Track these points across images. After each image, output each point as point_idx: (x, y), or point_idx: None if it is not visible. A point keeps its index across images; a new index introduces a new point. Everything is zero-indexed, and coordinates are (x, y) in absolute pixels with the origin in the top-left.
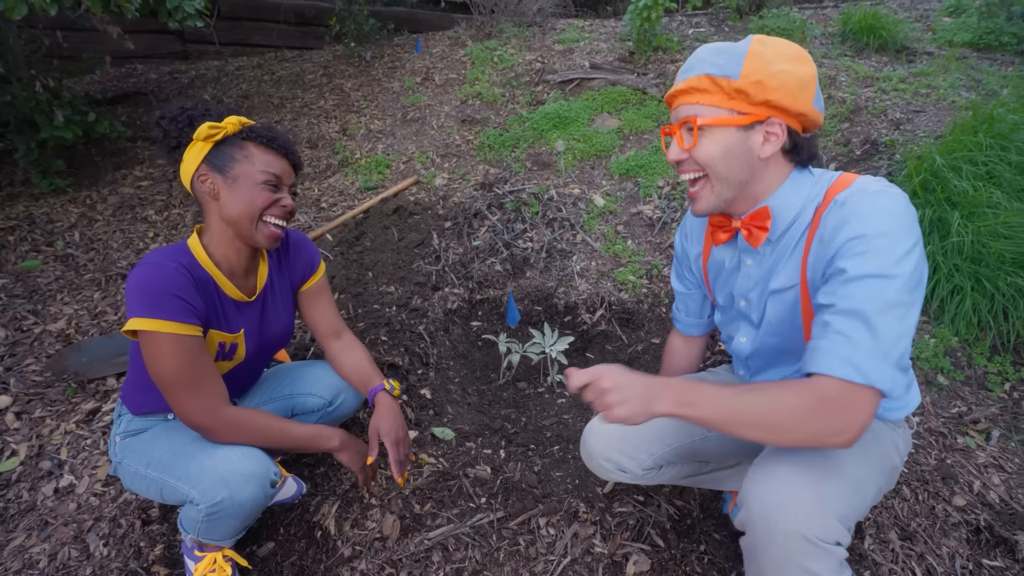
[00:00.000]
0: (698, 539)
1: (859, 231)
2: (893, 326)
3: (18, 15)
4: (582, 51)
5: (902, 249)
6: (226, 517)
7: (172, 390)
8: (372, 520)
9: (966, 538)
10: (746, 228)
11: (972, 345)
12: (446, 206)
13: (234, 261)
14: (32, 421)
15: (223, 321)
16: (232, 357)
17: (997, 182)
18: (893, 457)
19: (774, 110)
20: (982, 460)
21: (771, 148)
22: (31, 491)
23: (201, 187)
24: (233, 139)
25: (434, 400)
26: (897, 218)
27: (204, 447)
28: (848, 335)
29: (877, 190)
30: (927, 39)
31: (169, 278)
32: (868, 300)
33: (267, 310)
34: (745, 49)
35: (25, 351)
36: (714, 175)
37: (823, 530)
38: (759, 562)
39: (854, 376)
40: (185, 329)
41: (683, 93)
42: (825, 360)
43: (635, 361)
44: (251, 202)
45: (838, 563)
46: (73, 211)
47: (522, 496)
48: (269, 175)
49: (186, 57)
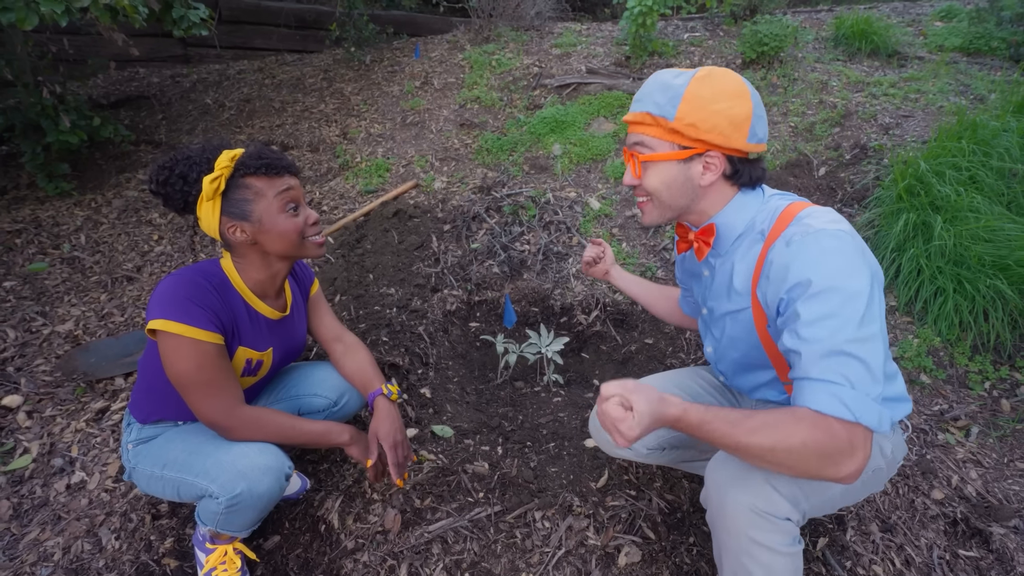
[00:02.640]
0: (688, 531)
1: (807, 275)
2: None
3: (29, 25)
4: (579, 56)
5: (854, 285)
6: (245, 509)
7: (190, 390)
8: (374, 514)
9: (943, 530)
10: (696, 241)
11: (954, 345)
12: (445, 209)
13: (268, 284)
14: (43, 420)
15: (254, 340)
16: (257, 373)
17: (979, 187)
18: (876, 458)
19: (710, 145)
20: (961, 456)
21: (711, 176)
22: (44, 487)
23: (237, 239)
24: (233, 180)
25: (434, 399)
26: (841, 257)
27: (219, 445)
28: (830, 379)
29: (819, 229)
30: (918, 44)
31: (196, 290)
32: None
33: (293, 324)
34: (682, 92)
35: (34, 352)
36: (657, 201)
37: (769, 504)
38: (717, 532)
39: (846, 415)
40: (205, 336)
41: (631, 123)
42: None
43: (629, 361)
44: (286, 234)
45: (788, 537)
46: (79, 214)
47: (518, 491)
48: (285, 200)
49: (187, 61)
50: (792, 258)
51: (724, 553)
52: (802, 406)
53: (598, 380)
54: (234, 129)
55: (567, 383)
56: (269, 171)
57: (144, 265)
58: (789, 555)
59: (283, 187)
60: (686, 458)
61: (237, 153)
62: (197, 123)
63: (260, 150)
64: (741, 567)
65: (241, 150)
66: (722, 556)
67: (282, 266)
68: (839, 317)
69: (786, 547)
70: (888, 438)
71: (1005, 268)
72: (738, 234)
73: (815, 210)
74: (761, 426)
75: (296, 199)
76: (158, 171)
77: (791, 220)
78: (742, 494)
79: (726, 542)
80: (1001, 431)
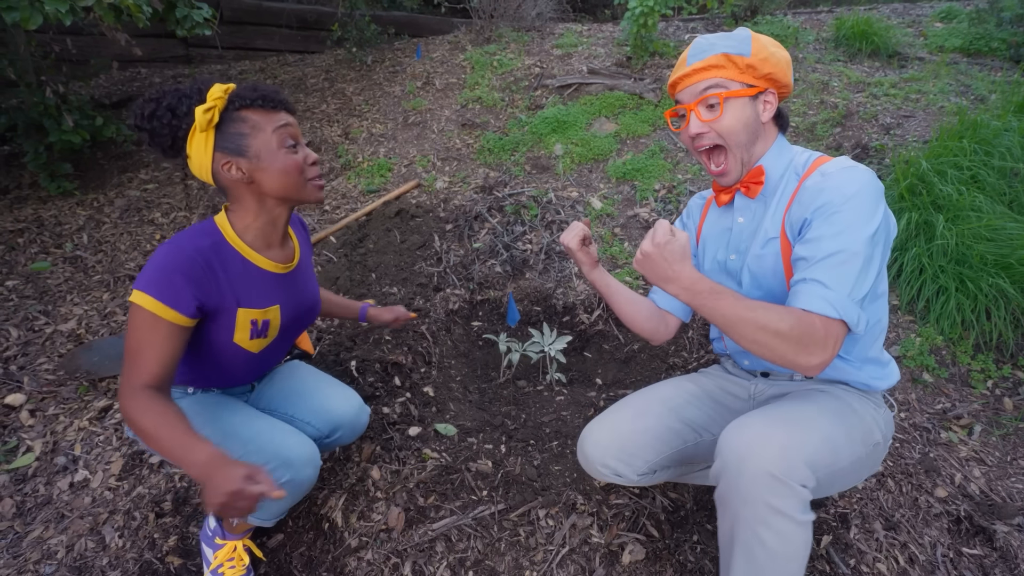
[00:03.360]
0: (691, 529)
1: (832, 197)
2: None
3: (33, 25)
4: (580, 56)
5: (867, 212)
6: (286, 496)
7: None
8: (378, 512)
9: (947, 528)
10: (744, 186)
11: (956, 344)
12: (447, 209)
13: (269, 233)
14: (46, 418)
15: (254, 297)
16: (266, 334)
17: (981, 186)
18: (875, 432)
19: (771, 82)
20: (964, 454)
21: (768, 114)
22: (47, 485)
23: (229, 175)
24: (228, 114)
25: (437, 397)
26: (866, 189)
27: (257, 431)
28: (823, 280)
29: (853, 166)
30: (919, 44)
31: (179, 261)
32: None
33: (301, 279)
34: (749, 34)
35: (37, 350)
36: (734, 142)
37: (789, 469)
38: (730, 504)
39: (831, 313)
40: (167, 313)
41: (700, 71)
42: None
43: (631, 360)
44: (287, 171)
45: (802, 503)
46: (81, 214)
47: (522, 489)
48: (284, 136)
49: (189, 61)
50: (824, 184)
51: (738, 525)
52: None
53: (600, 379)
54: None
55: (570, 382)
56: (266, 104)
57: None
58: (803, 524)
59: (281, 122)
60: (679, 473)
61: (231, 86)
62: None
63: (255, 84)
64: (755, 536)
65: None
66: (735, 529)
67: (281, 211)
68: (846, 234)
69: (802, 515)
70: (881, 414)
71: (1007, 267)
72: (780, 174)
73: (847, 158)
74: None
75: (295, 136)
76: (144, 104)
77: (826, 162)
78: (760, 459)
79: (740, 512)
80: (1004, 429)
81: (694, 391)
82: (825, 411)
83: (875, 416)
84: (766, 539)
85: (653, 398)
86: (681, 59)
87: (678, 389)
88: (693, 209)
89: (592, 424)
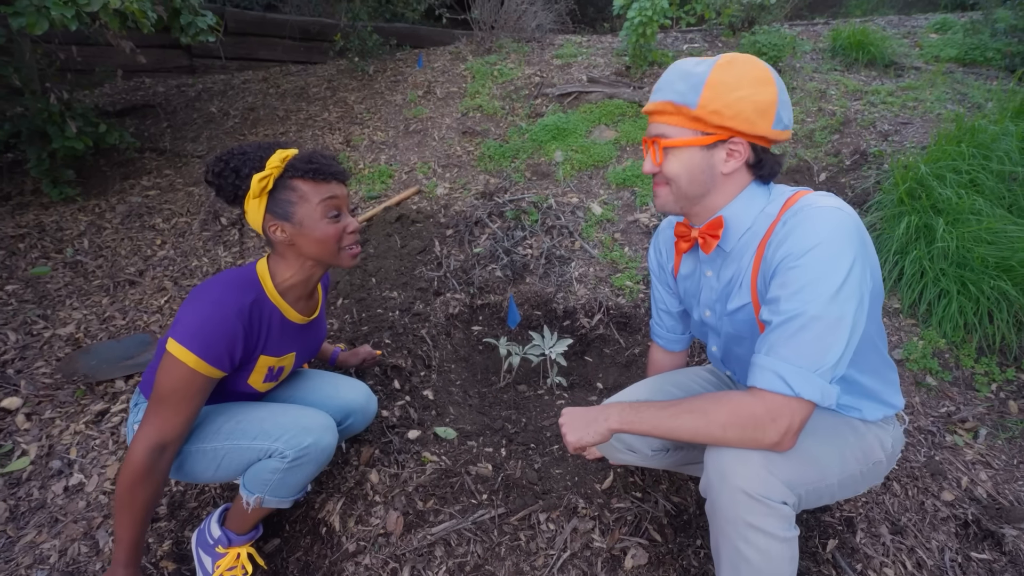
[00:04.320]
0: (695, 534)
1: (792, 248)
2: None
3: (39, 30)
4: (580, 66)
5: (829, 265)
6: (308, 463)
7: (156, 400)
8: (376, 516)
9: (955, 532)
10: (702, 237)
11: (959, 347)
12: (447, 214)
13: (303, 288)
14: (42, 422)
15: (276, 347)
16: (278, 378)
17: (980, 190)
18: (876, 452)
19: (734, 132)
20: (970, 457)
21: (734, 164)
22: (41, 489)
23: (277, 237)
24: (282, 181)
25: (436, 401)
26: (832, 236)
27: (271, 410)
28: (778, 351)
29: (816, 207)
30: (914, 55)
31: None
32: (795, 316)
33: (317, 327)
34: (704, 78)
35: (35, 354)
36: (675, 187)
37: (766, 488)
38: (716, 522)
39: (783, 389)
40: (207, 369)
41: (652, 113)
42: (758, 374)
43: (632, 364)
44: (324, 240)
45: (783, 520)
46: (82, 219)
47: (522, 492)
48: (327, 207)
49: (193, 71)
50: (786, 234)
51: (721, 539)
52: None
53: (601, 383)
54: (238, 137)
55: (571, 386)
56: (316, 176)
57: (147, 269)
58: (785, 540)
59: (328, 194)
60: (692, 458)
61: (289, 154)
62: (202, 131)
63: (312, 154)
64: (737, 553)
65: (295, 151)
66: (719, 543)
67: (317, 271)
68: (804, 293)
69: (783, 531)
70: (888, 432)
71: (1009, 269)
72: (746, 228)
73: (817, 195)
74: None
75: (339, 207)
76: (215, 163)
77: (792, 204)
78: (738, 478)
79: (723, 528)
80: (1010, 432)
81: (708, 377)
82: (816, 430)
83: (879, 435)
84: (749, 556)
85: (668, 380)
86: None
87: (692, 375)
88: (664, 246)
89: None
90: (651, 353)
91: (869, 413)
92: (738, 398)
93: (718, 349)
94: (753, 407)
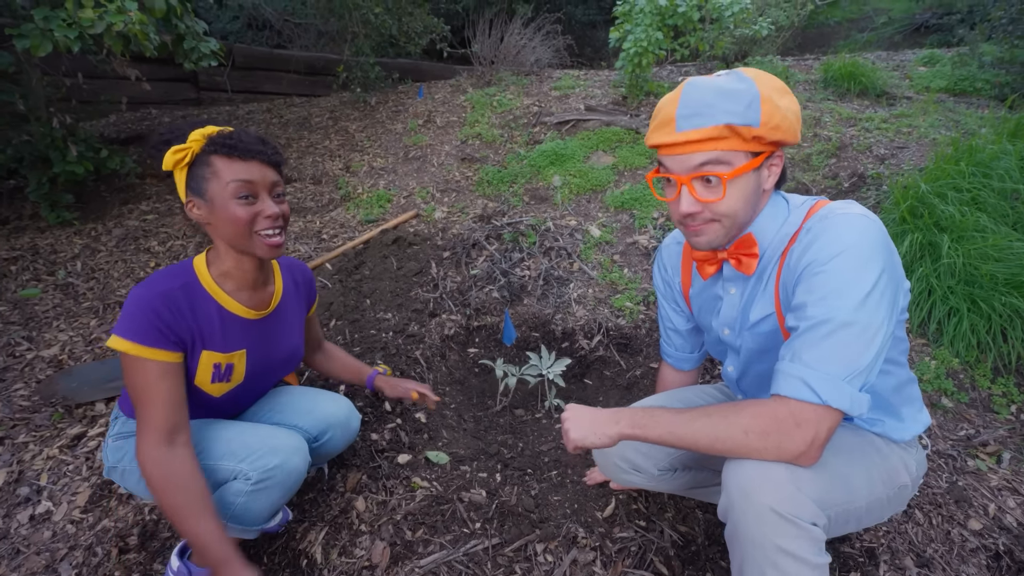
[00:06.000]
0: (704, 566)
1: (817, 255)
2: (849, 344)
3: (43, 52)
4: (577, 96)
5: (857, 270)
6: (274, 487)
7: (134, 402)
8: (361, 547)
9: (986, 564)
10: (734, 258)
11: (974, 367)
12: (445, 237)
13: (239, 277)
14: (15, 447)
15: (219, 341)
16: (229, 379)
17: (982, 207)
18: (902, 475)
19: (778, 145)
20: (995, 483)
21: (774, 179)
22: (5, 518)
23: (194, 215)
24: (201, 156)
25: (429, 424)
26: (859, 241)
27: (240, 430)
28: (803, 357)
29: (841, 213)
30: (905, 85)
31: (153, 303)
32: (823, 322)
33: (278, 328)
34: (758, 94)
35: (15, 376)
36: (730, 222)
37: (796, 506)
38: (741, 546)
39: (810, 396)
40: (149, 353)
41: (696, 143)
42: (782, 381)
43: (634, 386)
44: (233, 221)
45: (815, 544)
46: (77, 242)
47: (518, 521)
48: (238, 186)
49: (199, 103)
50: (810, 242)
51: (747, 566)
52: (774, 391)
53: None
54: None
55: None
56: (232, 152)
57: None
58: (817, 568)
59: (245, 174)
60: (700, 481)
61: (214, 130)
62: None
63: (238, 132)
64: None
65: (228, 128)
66: (745, 570)
67: (245, 260)
68: (832, 299)
69: (815, 557)
70: (912, 455)
71: (1020, 286)
72: (771, 237)
73: (842, 203)
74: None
75: (253, 190)
76: (155, 134)
77: (820, 208)
78: (764, 495)
79: (749, 553)
80: None
81: (716, 396)
82: (842, 448)
83: (903, 457)
84: None
85: (675, 397)
86: (667, 114)
87: (701, 392)
88: (669, 263)
89: None
90: (661, 372)
91: (892, 429)
92: (761, 404)
93: (735, 369)
94: (777, 411)
